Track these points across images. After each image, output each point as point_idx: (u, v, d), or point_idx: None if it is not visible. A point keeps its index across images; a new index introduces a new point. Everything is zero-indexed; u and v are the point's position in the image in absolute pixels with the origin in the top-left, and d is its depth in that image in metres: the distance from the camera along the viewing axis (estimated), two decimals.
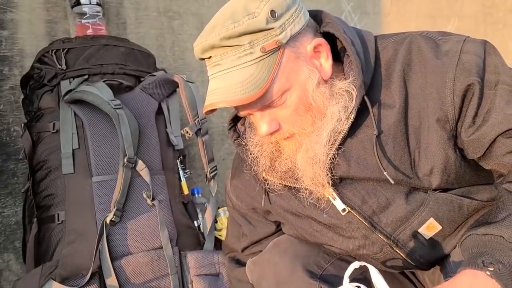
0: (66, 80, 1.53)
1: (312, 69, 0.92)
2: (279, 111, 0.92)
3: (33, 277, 1.33)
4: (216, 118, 2.21)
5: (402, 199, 0.98)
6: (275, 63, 0.88)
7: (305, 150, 0.95)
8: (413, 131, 0.94)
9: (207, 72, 0.96)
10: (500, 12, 3.24)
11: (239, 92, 0.87)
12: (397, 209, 0.99)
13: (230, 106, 0.90)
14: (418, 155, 0.95)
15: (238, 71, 0.89)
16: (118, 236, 1.41)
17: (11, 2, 1.64)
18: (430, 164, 0.94)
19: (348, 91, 0.93)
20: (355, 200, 1.00)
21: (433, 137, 0.93)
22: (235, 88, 0.88)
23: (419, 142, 0.94)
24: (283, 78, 0.89)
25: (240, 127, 1.14)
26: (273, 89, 0.89)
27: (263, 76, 0.87)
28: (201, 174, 2.05)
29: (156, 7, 1.99)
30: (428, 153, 0.93)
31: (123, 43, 1.67)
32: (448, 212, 0.99)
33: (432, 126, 0.92)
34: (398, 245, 1.02)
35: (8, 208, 1.65)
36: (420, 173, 0.95)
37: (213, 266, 1.49)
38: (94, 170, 1.44)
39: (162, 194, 1.52)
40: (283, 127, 0.94)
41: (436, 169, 0.94)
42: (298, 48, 0.91)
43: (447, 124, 0.92)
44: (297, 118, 0.93)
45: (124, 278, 1.37)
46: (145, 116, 1.57)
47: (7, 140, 1.64)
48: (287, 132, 0.95)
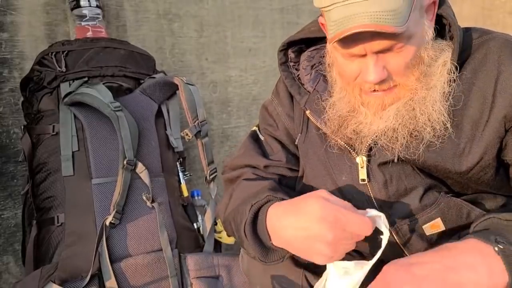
0: (66, 82, 1.53)
1: (427, 21, 0.91)
2: (394, 58, 0.89)
3: (32, 279, 1.33)
4: (216, 120, 2.21)
5: (419, 194, 0.98)
6: (413, 3, 0.85)
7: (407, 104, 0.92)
8: (470, 121, 0.94)
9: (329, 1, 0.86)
10: (499, 15, 3.24)
11: (391, 20, 0.82)
12: (410, 202, 0.99)
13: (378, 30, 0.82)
14: (470, 145, 0.94)
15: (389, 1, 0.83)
16: (118, 238, 1.41)
17: (11, 5, 1.65)
18: (479, 156, 0.93)
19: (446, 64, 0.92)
20: (378, 178, 0.99)
21: (493, 132, 0.92)
22: (386, 15, 0.82)
23: (474, 134, 0.94)
24: (413, 23, 0.86)
25: (290, 54, 1.10)
26: (408, 29, 0.85)
27: (407, 12, 0.83)
28: (201, 176, 2.05)
29: (156, 9, 2.00)
30: (481, 146, 0.93)
31: (123, 45, 1.67)
32: (455, 216, 0.99)
33: (496, 121, 0.92)
34: (399, 234, 1.03)
35: (7, 210, 1.65)
36: (465, 163, 0.94)
37: (212, 269, 1.49)
38: (94, 172, 1.44)
39: (161, 196, 1.52)
40: (390, 76, 0.91)
41: (481, 163, 0.94)
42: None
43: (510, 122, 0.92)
44: (407, 69, 0.90)
45: (124, 280, 1.37)
46: (145, 118, 1.57)
47: (7, 142, 1.64)
48: (392, 83, 0.91)
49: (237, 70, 2.28)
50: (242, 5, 2.27)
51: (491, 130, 0.93)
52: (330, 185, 1.05)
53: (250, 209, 0.94)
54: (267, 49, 2.36)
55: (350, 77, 0.94)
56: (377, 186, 1.00)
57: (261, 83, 2.36)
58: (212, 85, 2.19)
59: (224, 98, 2.24)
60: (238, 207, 1.00)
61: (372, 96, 0.93)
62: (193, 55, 2.12)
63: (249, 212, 0.94)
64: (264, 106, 1.19)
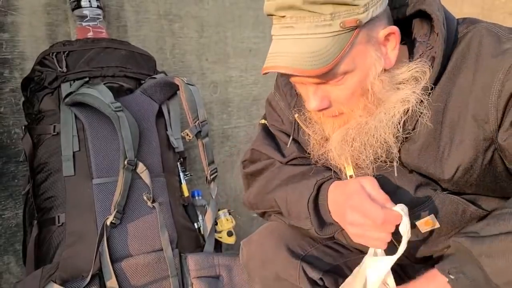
0: (67, 82, 1.54)
1: (379, 56, 0.89)
2: (334, 90, 0.90)
3: (33, 279, 1.33)
4: (216, 120, 2.21)
5: (411, 190, 0.98)
6: (348, 42, 0.84)
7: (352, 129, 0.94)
8: (449, 124, 0.92)
9: (272, 30, 0.90)
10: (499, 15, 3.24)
11: (309, 63, 0.83)
12: (402, 198, 0.98)
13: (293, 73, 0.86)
14: (448, 149, 0.93)
15: (311, 40, 0.84)
16: (119, 238, 1.41)
17: (12, 5, 1.65)
18: (458, 161, 0.92)
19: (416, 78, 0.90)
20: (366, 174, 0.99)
21: (468, 134, 0.91)
22: (306, 57, 0.84)
23: (453, 137, 0.92)
24: (350, 59, 0.86)
25: None
26: (338, 68, 0.86)
27: (334, 52, 0.84)
28: (202, 176, 2.05)
29: (157, 10, 2.00)
30: (459, 149, 0.92)
31: (124, 45, 1.67)
32: (450, 213, 0.98)
33: (469, 123, 0.90)
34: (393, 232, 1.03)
35: (8, 210, 1.65)
36: (446, 168, 0.94)
37: (213, 268, 1.49)
38: (95, 173, 1.45)
39: (162, 196, 1.52)
40: (334, 106, 0.92)
41: (462, 167, 0.93)
42: (371, 32, 0.88)
43: (487, 124, 0.89)
44: (350, 100, 0.91)
45: (125, 280, 1.37)
46: (146, 118, 1.58)
47: (8, 142, 1.64)
48: (337, 111, 0.92)
49: (237, 71, 2.28)
50: (242, 6, 2.27)
51: (467, 133, 0.91)
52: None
53: (315, 184, 1.00)
54: (267, 50, 2.36)
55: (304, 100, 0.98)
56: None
57: (261, 83, 2.36)
58: (212, 85, 2.20)
59: (225, 99, 2.24)
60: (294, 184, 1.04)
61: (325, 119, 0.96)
62: (194, 55, 2.12)
63: (314, 188, 1.00)
64: (268, 101, 1.20)
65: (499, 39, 0.90)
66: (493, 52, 0.88)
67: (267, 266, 1.10)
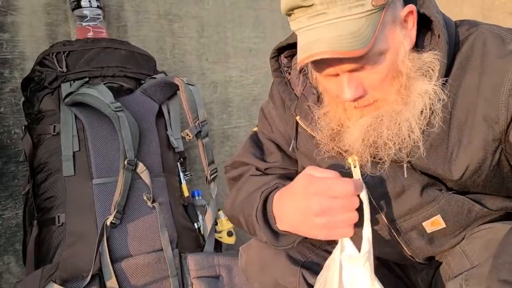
0: (67, 82, 1.54)
1: (405, 35, 0.89)
2: (368, 75, 0.88)
3: (33, 279, 1.33)
4: (216, 120, 2.21)
5: (418, 191, 0.97)
6: (379, 21, 0.84)
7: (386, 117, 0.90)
8: (457, 125, 0.92)
9: (294, 25, 0.88)
10: (499, 15, 3.24)
11: (349, 44, 0.81)
12: (409, 199, 0.98)
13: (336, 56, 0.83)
14: (457, 150, 0.92)
15: (348, 22, 0.83)
16: (119, 238, 1.41)
17: (12, 5, 1.65)
18: (467, 162, 0.92)
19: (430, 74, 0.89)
20: (374, 177, 0.98)
21: (477, 134, 0.90)
22: (345, 39, 0.82)
23: (461, 138, 0.92)
24: (383, 39, 0.86)
25: (283, 59, 1.09)
26: (375, 48, 0.84)
27: (371, 31, 0.83)
28: (202, 176, 2.05)
29: (157, 10, 2.00)
30: (467, 150, 0.91)
31: (124, 46, 1.67)
32: (456, 213, 0.98)
33: (478, 123, 0.90)
34: (399, 231, 1.03)
35: (8, 210, 1.65)
36: (454, 169, 0.93)
37: (213, 268, 1.49)
38: (95, 173, 1.45)
39: (162, 196, 1.52)
40: (368, 93, 0.89)
41: (470, 168, 0.92)
42: (395, 11, 0.87)
43: (497, 125, 0.89)
44: (383, 83, 0.89)
45: (125, 280, 1.37)
46: (146, 118, 1.58)
47: (8, 142, 1.64)
48: (371, 98, 0.90)
49: (237, 71, 2.28)
50: (242, 6, 2.27)
51: (476, 134, 0.90)
52: None
53: (260, 195, 0.97)
54: (268, 50, 2.35)
55: (332, 95, 0.95)
56: (373, 185, 0.99)
57: (261, 83, 2.36)
58: (212, 85, 2.20)
59: (225, 99, 2.24)
60: (249, 197, 1.02)
61: (354, 110, 0.93)
62: (194, 55, 2.12)
63: (260, 198, 0.97)
64: (261, 108, 1.19)
65: (503, 40, 0.90)
66: (499, 53, 0.88)
67: (266, 272, 1.09)
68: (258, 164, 1.14)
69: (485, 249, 0.94)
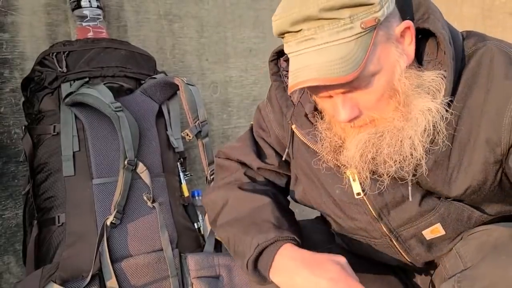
0: (67, 82, 1.54)
1: (400, 53, 0.87)
2: (363, 96, 0.86)
3: (33, 279, 1.33)
4: (216, 120, 2.21)
5: (417, 200, 0.97)
6: (370, 42, 0.82)
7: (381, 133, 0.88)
8: (458, 145, 0.90)
9: (286, 48, 0.87)
10: (499, 15, 3.25)
11: (338, 70, 0.80)
12: (409, 208, 0.98)
13: (325, 84, 0.82)
14: (457, 171, 0.91)
15: (336, 47, 0.81)
16: (119, 238, 1.41)
17: (12, 5, 1.65)
18: (467, 183, 0.91)
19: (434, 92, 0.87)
20: (374, 188, 0.97)
21: (478, 157, 0.88)
22: (334, 64, 0.81)
23: (462, 158, 0.90)
24: (376, 59, 0.84)
25: (282, 63, 1.08)
26: (367, 70, 0.83)
27: (361, 55, 0.81)
28: (202, 176, 2.05)
29: (157, 10, 2.00)
30: (468, 172, 0.90)
31: (124, 46, 1.67)
32: (456, 220, 0.98)
33: (480, 145, 0.88)
34: (398, 240, 1.03)
35: (8, 210, 1.65)
36: (453, 189, 0.92)
37: (213, 268, 1.49)
38: (95, 173, 1.45)
39: (162, 196, 1.52)
40: (364, 113, 0.88)
41: (470, 189, 0.91)
42: (389, 29, 0.86)
43: (498, 148, 0.87)
44: (379, 103, 0.87)
45: (125, 280, 1.37)
46: (146, 118, 1.58)
47: (8, 142, 1.64)
48: (367, 118, 0.89)
49: (237, 71, 2.28)
50: (242, 6, 2.27)
51: (477, 156, 0.89)
52: (326, 197, 1.05)
53: (256, 247, 0.95)
54: (268, 50, 2.36)
55: (329, 114, 0.94)
56: (373, 196, 0.98)
57: (261, 83, 2.36)
58: (212, 85, 2.20)
59: (225, 99, 2.25)
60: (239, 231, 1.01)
61: (351, 129, 0.92)
62: (194, 55, 2.12)
63: (255, 250, 0.95)
64: (258, 108, 1.18)
65: (511, 59, 0.88)
66: (506, 74, 0.86)
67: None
68: (252, 162, 1.13)
69: (479, 251, 0.93)
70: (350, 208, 1.03)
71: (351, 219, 1.04)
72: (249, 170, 1.15)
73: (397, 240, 1.03)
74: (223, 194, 1.11)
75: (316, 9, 0.80)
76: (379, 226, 1.02)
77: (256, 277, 0.97)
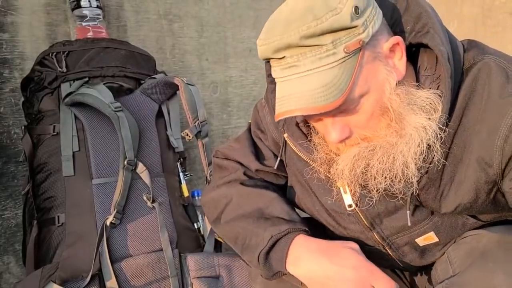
0: (67, 82, 1.53)
1: (390, 70, 0.85)
2: (353, 117, 0.85)
3: (33, 279, 1.33)
4: (216, 120, 2.21)
5: (410, 210, 0.96)
6: (356, 65, 0.80)
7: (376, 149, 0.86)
8: (451, 162, 0.88)
9: (272, 73, 0.87)
10: (499, 15, 3.24)
11: (323, 98, 0.79)
12: (402, 218, 0.97)
13: (309, 114, 0.81)
14: (448, 189, 0.90)
15: (319, 74, 0.80)
16: (118, 238, 1.41)
17: (11, 5, 1.65)
18: (458, 201, 0.90)
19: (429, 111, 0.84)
20: (365, 200, 0.96)
21: (469, 175, 0.87)
22: (318, 93, 0.79)
23: (454, 176, 0.89)
24: (363, 81, 0.82)
25: None
26: (353, 94, 0.81)
27: (345, 80, 0.79)
28: (202, 176, 2.05)
29: (156, 10, 2.00)
30: (459, 190, 0.89)
31: (124, 45, 1.67)
32: (450, 228, 0.98)
33: (472, 164, 0.86)
34: (392, 247, 1.03)
35: (8, 210, 1.65)
36: (444, 206, 0.91)
37: (213, 269, 1.49)
38: (95, 173, 1.45)
39: (162, 197, 1.52)
40: (355, 133, 0.87)
41: (460, 207, 0.90)
42: (375, 48, 0.84)
43: (490, 168, 0.85)
44: (370, 122, 0.86)
45: (124, 280, 1.37)
46: (146, 118, 1.57)
47: (8, 142, 1.64)
48: (359, 138, 0.87)
49: (237, 71, 2.28)
50: (242, 6, 2.27)
51: (468, 174, 0.87)
52: (319, 206, 1.05)
53: (269, 239, 0.96)
54: None
55: (321, 133, 0.93)
56: (365, 207, 0.97)
57: (261, 83, 2.36)
58: (212, 85, 2.19)
59: (225, 99, 2.24)
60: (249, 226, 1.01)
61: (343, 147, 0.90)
62: (194, 55, 2.12)
63: (268, 242, 0.96)
64: (256, 108, 1.17)
65: (507, 77, 0.84)
66: (502, 93, 0.83)
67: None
68: (250, 163, 1.12)
69: (467, 257, 0.93)
70: (342, 218, 1.03)
71: (343, 228, 1.04)
72: (248, 170, 1.15)
73: (390, 248, 1.03)
74: (225, 192, 1.11)
75: (297, 37, 0.78)
76: (371, 235, 1.02)
77: (266, 270, 0.97)
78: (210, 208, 1.15)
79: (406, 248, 1.03)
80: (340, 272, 0.88)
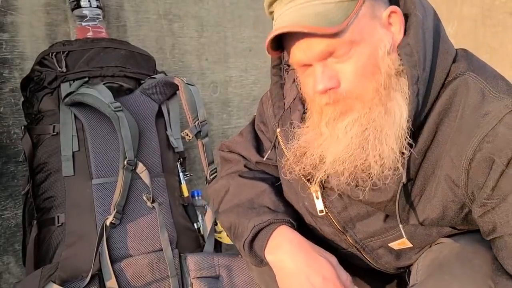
0: (66, 82, 1.53)
1: (387, 33, 0.85)
2: (343, 66, 0.84)
3: (33, 279, 1.33)
4: (216, 120, 2.21)
5: (381, 218, 0.96)
6: (353, 11, 0.81)
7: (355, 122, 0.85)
8: (422, 175, 0.89)
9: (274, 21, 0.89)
10: (499, 15, 3.24)
11: (313, 21, 0.80)
12: (374, 223, 0.97)
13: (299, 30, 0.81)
14: (417, 201, 0.90)
15: (315, 6, 0.81)
16: (118, 239, 1.41)
17: (11, 5, 1.65)
18: (425, 215, 0.91)
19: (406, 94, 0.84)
20: (337, 205, 0.98)
21: (438, 192, 0.88)
22: (309, 17, 0.81)
23: (424, 190, 0.89)
24: (357, 29, 0.82)
25: (285, 55, 1.04)
26: (345, 35, 0.81)
27: (339, 17, 0.81)
28: (201, 176, 2.05)
29: (156, 9, 2.00)
30: (427, 205, 0.90)
31: (123, 45, 1.67)
32: (424, 235, 0.97)
33: (441, 181, 0.87)
34: (365, 250, 1.03)
35: (8, 210, 1.65)
36: (412, 218, 0.92)
37: (213, 269, 1.49)
38: (94, 173, 1.45)
39: (162, 197, 1.52)
40: (342, 86, 0.85)
41: (428, 221, 0.91)
42: (375, 8, 0.85)
43: (458, 188, 0.85)
44: (360, 78, 0.84)
45: (124, 280, 1.37)
46: (145, 118, 1.57)
47: (7, 142, 1.64)
48: (344, 92, 0.85)
49: (237, 71, 2.28)
50: (242, 5, 2.27)
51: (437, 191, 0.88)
52: (301, 204, 1.05)
53: (252, 228, 0.98)
54: None
55: (309, 94, 0.92)
56: (337, 212, 0.98)
57: (261, 83, 2.36)
58: (212, 85, 2.19)
59: (225, 99, 2.24)
60: (239, 216, 1.04)
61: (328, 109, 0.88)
62: (194, 55, 2.12)
63: (251, 232, 0.98)
64: (261, 101, 1.18)
65: (483, 97, 0.83)
66: (474, 113, 0.83)
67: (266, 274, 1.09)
68: (251, 156, 1.15)
69: (428, 267, 0.94)
70: (317, 220, 1.04)
71: (319, 228, 1.05)
72: (249, 162, 1.17)
73: (364, 250, 1.03)
74: (225, 183, 1.14)
75: None
76: (344, 237, 1.02)
77: (252, 258, 0.99)
78: (213, 198, 1.18)
79: (381, 251, 1.03)
80: (310, 275, 0.90)
